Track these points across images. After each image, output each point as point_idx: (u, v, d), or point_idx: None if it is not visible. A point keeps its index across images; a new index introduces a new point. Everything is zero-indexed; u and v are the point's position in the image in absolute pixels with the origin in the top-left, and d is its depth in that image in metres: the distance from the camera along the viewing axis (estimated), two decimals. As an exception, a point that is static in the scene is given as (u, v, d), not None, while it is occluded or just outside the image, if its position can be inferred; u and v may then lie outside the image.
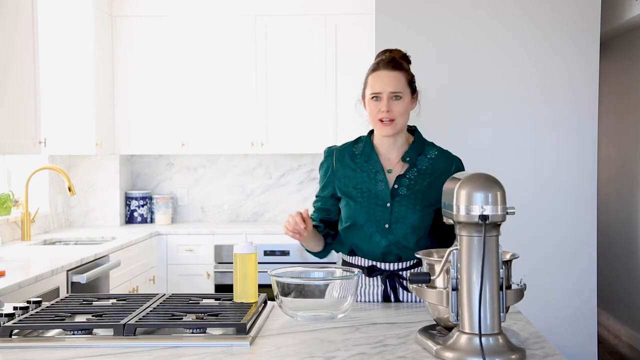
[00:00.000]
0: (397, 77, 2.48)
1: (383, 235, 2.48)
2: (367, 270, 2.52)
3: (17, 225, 4.60)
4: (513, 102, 4.43)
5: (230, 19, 5.42)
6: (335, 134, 5.38)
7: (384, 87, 2.46)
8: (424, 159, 2.53)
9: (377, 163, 2.53)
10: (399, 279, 2.50)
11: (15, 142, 3.88)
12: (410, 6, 4.40)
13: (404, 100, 2.48)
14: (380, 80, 2.47)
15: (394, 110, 2.46)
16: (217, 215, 5.74)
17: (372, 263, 2.52)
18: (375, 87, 2.48)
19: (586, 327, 4.44)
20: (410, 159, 2.51)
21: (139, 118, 5.45)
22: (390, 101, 2.46)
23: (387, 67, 2.48)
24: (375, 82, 2.48)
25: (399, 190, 2.49)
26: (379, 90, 2.47)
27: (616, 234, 6.17)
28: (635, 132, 5.88)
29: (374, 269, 2.51)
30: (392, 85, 2.46)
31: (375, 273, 2.51)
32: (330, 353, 1.84)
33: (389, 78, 2.47)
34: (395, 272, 2.50)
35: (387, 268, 2.51)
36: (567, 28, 4.40)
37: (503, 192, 1.78)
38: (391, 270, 2.50)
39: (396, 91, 2.46)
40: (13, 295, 3.02)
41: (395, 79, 2.47)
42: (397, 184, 2.49)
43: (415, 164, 2.51)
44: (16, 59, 3.89)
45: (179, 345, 1.90)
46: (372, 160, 2.54)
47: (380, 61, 2.51)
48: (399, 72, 2.48)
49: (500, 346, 1.74)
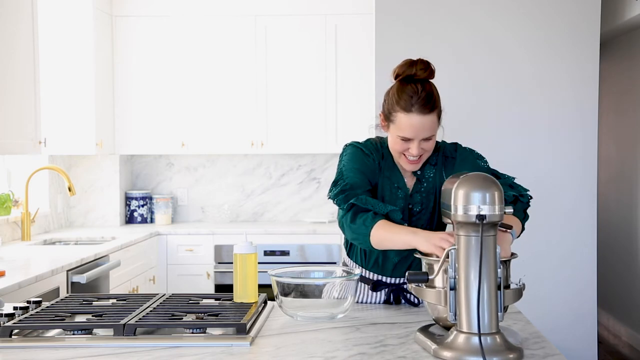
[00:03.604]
0: (431, 120, 2.24)
1: (398, 253, 2.39)
2: (372, 284, 2.43)
3: (17, 225, 4.60)
4: (513, 102, 4.43)
5: (230, 19, 5.42)
6: (335, 134, 5.38)
7: (416, 134, 2.24)
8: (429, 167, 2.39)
9: (401, 179, 2.38)
10: (403, 292, 2.43)
11: (15, 142, 3.89)
12: (410, 6, 4.40)
13: (433, 137, 2.29)
14: (412, 127, 2.23)
15: (424, 149, 2.29)
16: (217, 215, 5.74)
17: (378, 277, 2.45)
18: (407, 132, 2.24)
19: (586, 327, 4.44)
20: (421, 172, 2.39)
21: (139, 118, 5.45)
22: (421, 143, 2.27)
23: (423, 110, 2.22)
24: (407, 128, 2.24)
25: (414, 209, 2.38)
26: (410, 136, 2.25)
27: (616, 234, 6.17)
28: (635, 132, 5.89)
29: (379, 283, 2.44)
30: (426, 132, 2.25)
31: (380, 287, 2.43)
32: (330, 353, 1.85)
33: (423, 124, 2.23)
34: (400, 287, 2.44)
35: (393, 282, 2.44)
36: (567, 28, 4.40)
37: (500, 192, 1.78)
38: (396, 284, 2.44)
39: (429, 136, 2.27)
40: (13, 295, 3.02)
41: (429, 123, 2.24)
42: (411, 202, 2.37)
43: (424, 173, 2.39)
44: (16, 59, 3.90)
45: (179, 345, 1.90)
46: (395, 176, 2.38)
47: (414, 101, 2.22)
48: (433, 114, 2.24)
49: (498, 345, 1.75)
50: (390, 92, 2.31)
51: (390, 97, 2.29)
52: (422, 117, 2.22)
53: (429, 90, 2.25)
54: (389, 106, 2.29)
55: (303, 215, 5.79)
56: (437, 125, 2.29)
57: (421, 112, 2.22)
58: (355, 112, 5.31)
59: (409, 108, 2.22)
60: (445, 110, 2.36)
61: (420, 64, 2.27)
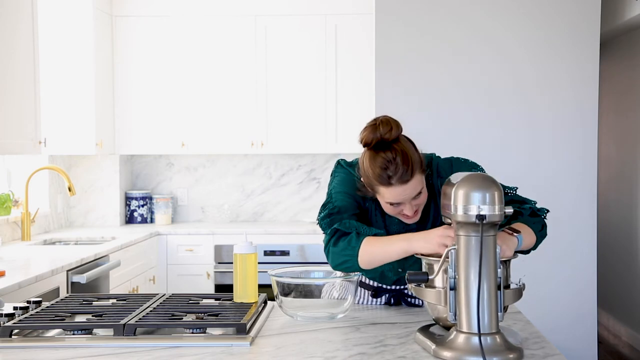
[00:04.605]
0: (415, 183, 2.12)
1: (395, 274, 2.37)
2: (373, 290, 2.42)
3: (17, 225, 4.60)
4: (513, 102, 4.43)
5: (230, 19, 5.42)
6: (335, 134, 5.38)
7: (403, 199, 2.14)
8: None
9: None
10: (403, 297, 2.42)
11: (15, 142, 3.89)
12: (410, 6, 4.40)
13: (423, 191, 2.18)
14: (398, 196, 2.13)
15: (417, 204, 2.19)
16: (217, 215, 5.74)
17: (378, 285, 2.44)
18: (393, 199, 2.14)
19: (586, 327, 4.44)
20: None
21: (139, 118, 5.45)
22: (413, 201, 2.17)
23: (403, 180, 2.10)
24: (393, 198, 2.14)
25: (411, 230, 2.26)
26: (398, 201, 2.15)
27: (616, 234, 6.17)
28: (635, 132, 5.88)
29: (380, 289, 2.43)
30: (413, 193, 2.14)
31: (381, 294, 2.43)
32: (330, 353, 1.85)
33: (405, 190, 2.12)
34: (401, 291, 2.43)
35: (393, 288, 2.44)
36: (567, 28, 4.41)
37: (500, 192, 1.78)
38: (397, 290, 2.44)
39: (417, 194, 2.16)
40: (13, 295, 3.02)
41: (414, 186, 2.13)
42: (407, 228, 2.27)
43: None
44: (16, 59, 3.90)
45: (179, 345, 1.90)
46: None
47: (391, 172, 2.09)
48: (416, 176, 2.12)
49: (497, 345, 1.75)
50: (363, 163, 2.16)
51: (365, 170, 2.15)
52: (405, 186, 2.11)
53: (402, 154, 2.09)
54: (367, 179, 2.16)
55: (303, 215, 5.79)
56: (423, 180, 2.16)
57: (402, 182, 2.10)
58: (355, 112, 5.31)
59: (388, 182, 2.10)
60: (445, 111, 2.35)
61: (384, 125, 2.10)
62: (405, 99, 4.38)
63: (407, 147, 2.13)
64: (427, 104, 4.36)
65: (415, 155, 2.13)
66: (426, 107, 4.35)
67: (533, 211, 2.23)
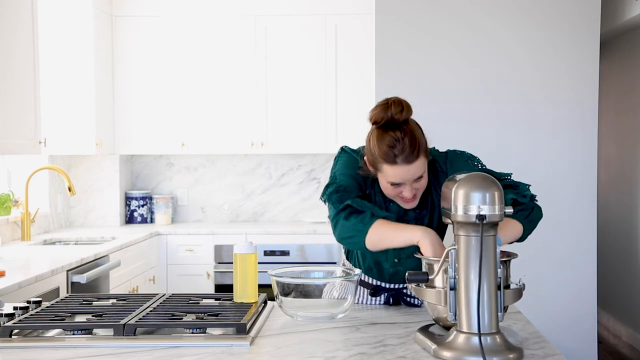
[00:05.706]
0: (418, 165, 2.16)
1: (392, 265, 2.40)
2: (372, 289, 2.43)
3: (17, 225, 4.60)
4: (513, 102, 4.43)
5: (230, 19, 5.42)
6: (335, 134, 5.38)
7: (405, 179, 2.18)
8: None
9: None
10: (403, 297, 2.42)
11: (15, 142, 3.89)
12: (410, 6, 4.40)
13: (424, 175, 2.22)
14: (400, 176, 2.17)
15: (417, 188, 2.23)
16: (217, 215, 5.74)
17: (377, 283, 2.45)
18: (396, 180, 2.18)
19: (586, 327, 4.44)
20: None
21: (139, 118, 5.45)
22: (414, 184, 2.21)
23: (408, 160, 2.13)
24: (396, 177, 2.17)
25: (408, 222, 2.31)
26: (399, 181, 2.19)
27: (616, 234, 6.17)
28: (635, 132, 5.89)
29: (378, 288, 2.44)
30: (415, 175, 2.18)
31: (380, 292, 2.43)
32: (330, 353, 1.85)
33: (411, 171, 2.16)
34: (399, 291, 2.43)
35: (392, 287, 2.44)
36: (567, 28, 4.40)
37: (500, 192, 1.78)
38: (396, 289, 2.44)
39: (419, 177, 2.20)
40: (13, 295, 3.02)
41: (417, 168, 2.16)
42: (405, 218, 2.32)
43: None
44: (16, 59, 3.90)
45: (179, 345, 1.90)
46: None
47: (398, 151, 2.12)
48: (420, 158, 2.16)
49: (497, 345, 1.75)
50: (370, 141, 2.20)
51: (371, 148, 2.19)
52: (409, 166, 2.14)
53: (410, 135, 2.14)
54: (372, 157, 2.20)
55: (303, 215, 5.79)
56: (426, 164, 2.20)
57: (407, 162, 2.14)
58: (355, 112, 5.31)
59: (393, 160, 2.14)
60: (445, 111, 2.35)
61: (395, 106, 2.16)
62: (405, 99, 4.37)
63: (416, 129, 2.18)
64: (427, 104, 4.36)
65: (422, 139, 2.18)
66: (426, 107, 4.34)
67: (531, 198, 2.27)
